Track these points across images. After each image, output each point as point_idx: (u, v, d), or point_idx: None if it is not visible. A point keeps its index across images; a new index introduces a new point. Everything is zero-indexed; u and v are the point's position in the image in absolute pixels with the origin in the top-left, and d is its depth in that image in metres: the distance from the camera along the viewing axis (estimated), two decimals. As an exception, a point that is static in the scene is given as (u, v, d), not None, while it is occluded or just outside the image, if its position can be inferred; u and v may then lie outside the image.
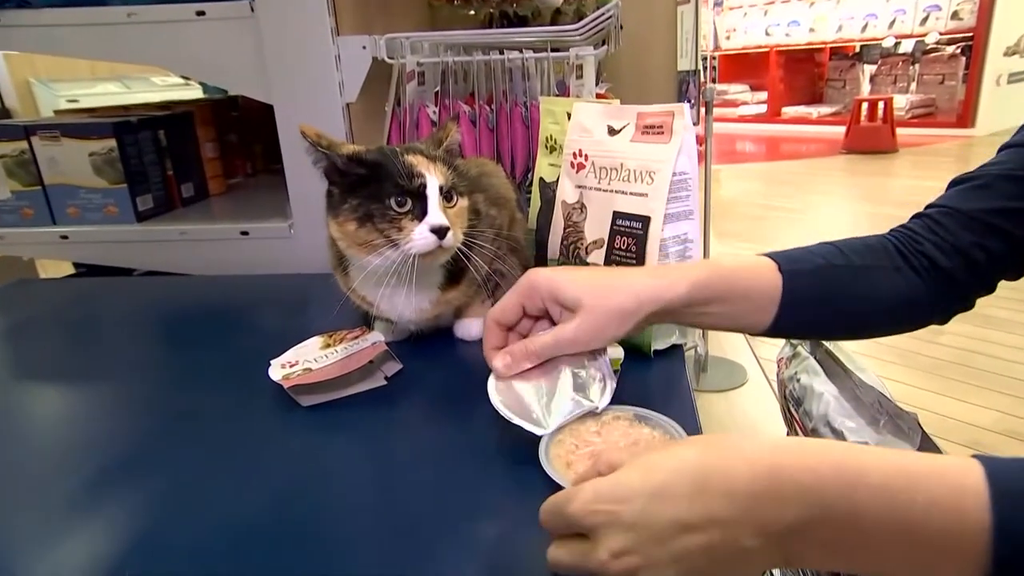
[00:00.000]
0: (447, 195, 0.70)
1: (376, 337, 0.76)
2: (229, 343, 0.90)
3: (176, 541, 0.51)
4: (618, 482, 0.40)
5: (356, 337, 0.77)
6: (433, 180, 0.68)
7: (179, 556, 0.50)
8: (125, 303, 1.10)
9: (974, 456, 0.35)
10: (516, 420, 0.56)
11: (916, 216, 0.67)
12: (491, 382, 0.60)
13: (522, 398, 0.58)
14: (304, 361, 0.72)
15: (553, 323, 0.61)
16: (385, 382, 0.73)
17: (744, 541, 0.36)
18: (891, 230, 0.67)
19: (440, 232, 0.67)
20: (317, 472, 0.60)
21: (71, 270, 1.46)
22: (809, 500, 0.36)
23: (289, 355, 0.74)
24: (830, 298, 0.62)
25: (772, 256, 0.63)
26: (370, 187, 0.68)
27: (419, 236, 0.67)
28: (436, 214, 0.67)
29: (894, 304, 0.63)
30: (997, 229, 0.61)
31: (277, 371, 0.71)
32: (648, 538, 0.37)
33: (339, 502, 0.55)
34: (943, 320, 0.66)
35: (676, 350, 0.77)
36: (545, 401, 0.58)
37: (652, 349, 0.75)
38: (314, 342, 0.77)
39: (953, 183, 0.66)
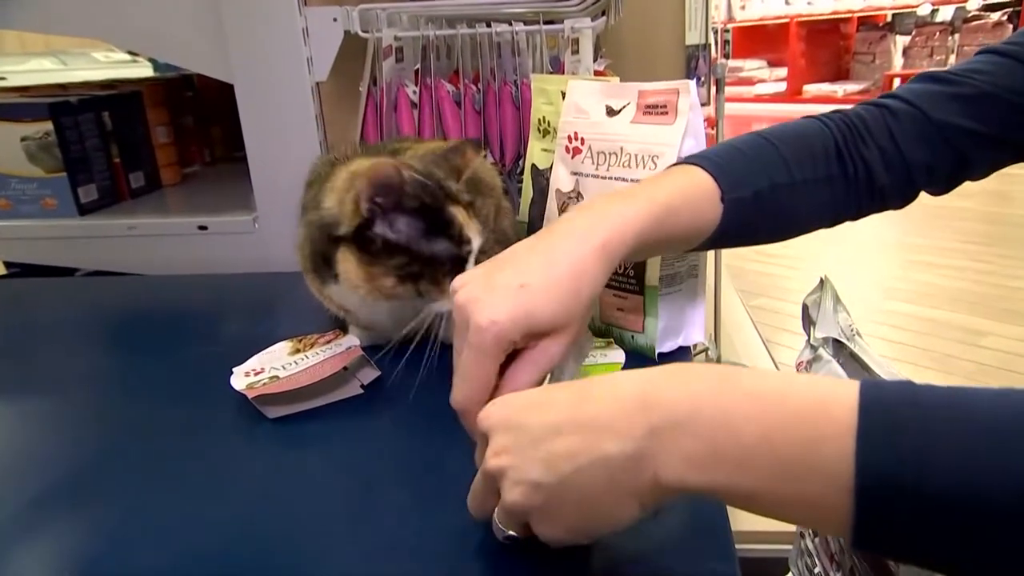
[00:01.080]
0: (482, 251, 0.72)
1: (351, 341, 0.77)
2: (185, 350, 0.90)
3: (127, 571, 0.52)
4: (522, 393, 0.47)
5: (328, 341, 0.78)
6: (476, 241, 0.70)
7: (134, 583, 0.51)
8: (66, 307, 1.11)
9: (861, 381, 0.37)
10: None
11: (875, 103, 0.70)
12: None
13: None
14: (271, 368, 0.73)
15: None
16: (361, 390, 0.74)
17: (606, 445, 0.39)
18: (839, 114, 0.71)
19: None
20: (285, 492, 0.61)
21: (2, 270, 1.46)
22: (680, 407, 0.39)
23: (253, 362, 0.75)
24: (770, 221, 0.67)
25: (713, 174, 0.63)
26: (422, 244, 0.68)
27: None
28: None
29: (825, 214, 0.69)
30: (957, 151, 0.65)
31: (240, 380, 0.71)
32: (523, 438, 0.43)
33: (310, 525, 0.56)
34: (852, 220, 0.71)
35: (683, 353, 0.78)
36: None
37: (656, 352, 0.76)
38: (281, 347, 0.78)
39: (926, 77, 0.69)
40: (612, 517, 0.41)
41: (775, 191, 0.65)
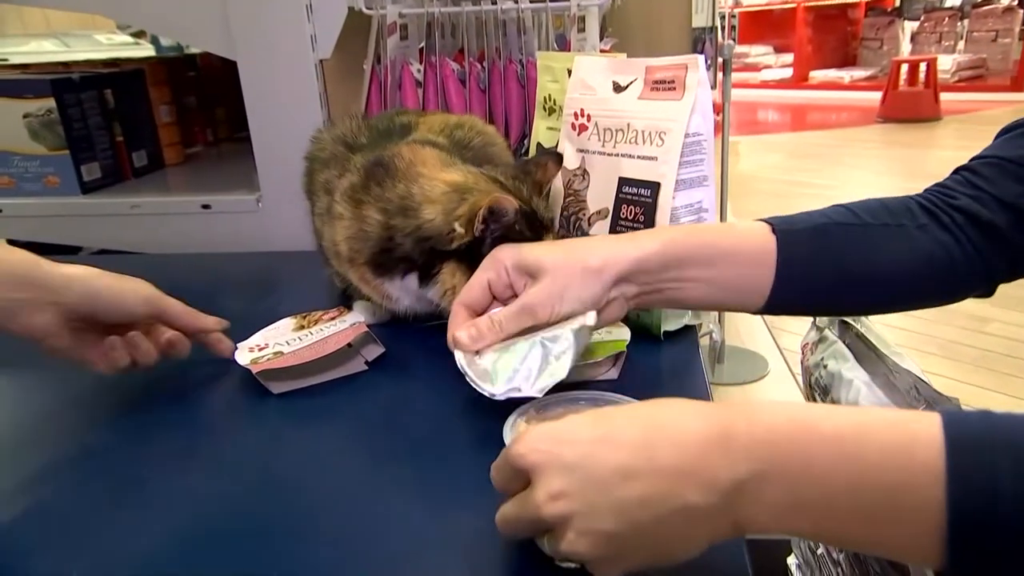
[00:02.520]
0: None
1: (355, 318, 0.76)
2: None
3: (130, 542, 0.52)
4: (567, 424, 0.43)
5: (333, 318, 0.78)
6: None
7: (133, 558, 0.51)
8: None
9: (938, 409, 0.37)
10: (479, 385, 0.58)
11: (955, 171, 0.66)
12: (458, 355, 0.61)
13: (486, 368, 0.60)
14: (275, 344, 0.72)
15: None
16: (366, 367, 0.73)
17: (689, 496, 0.37)
18: (923, 191, 0.66)
19: None
20: (290, 466, 0.61)
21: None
22: (760, 454, 0.37)
23: (257, 338, 0.75)
24: (837, 261, 0.60)
25: (767, 219, 0.62)
26: None
27: None
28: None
29: (917, 266, 0.60)
30: None
31: (244, 355, 0.71)
32: (587, 482, 0.39)
33: (314, 499, 0.56)
34: (986, 288, 0.63)
35: (689, 332, 0.78)
36: (511, 368, 0.59)
37: (662, 330, 0.76)
38: (286, 323, 0.78)
39: (1002, 132, 0.65)
40: (680, 556, 0.40)
41: (841, 229, 0.60)
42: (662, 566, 0.40)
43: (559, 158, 0.73)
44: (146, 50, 2.24)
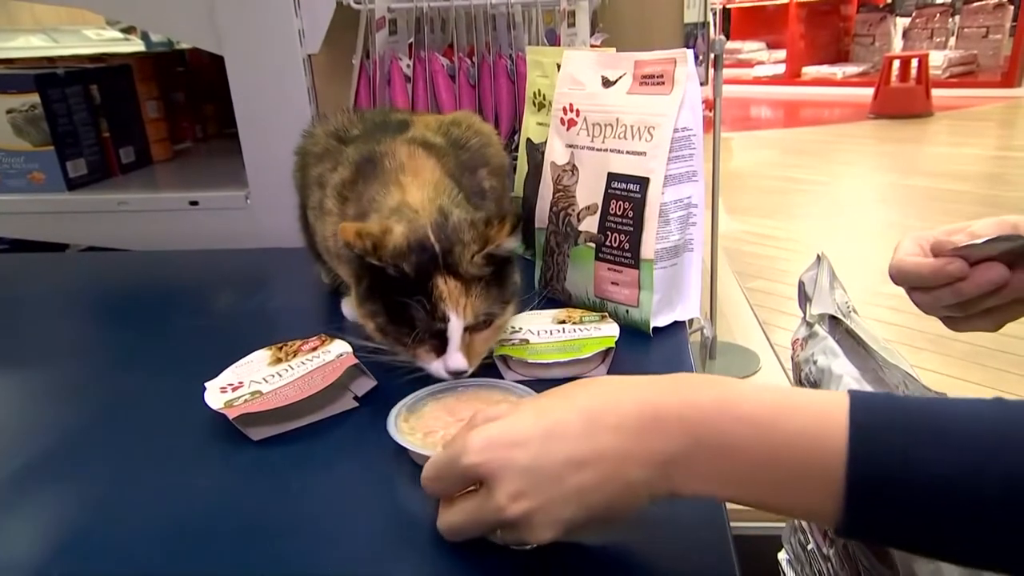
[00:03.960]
0: (480, 322, 0.67)
1: (342, 348, 0.68)
2: (177, 325, 0.89)
3: (108, 541, 0.52)
4: (511, 426, 0.44)
5: (314, 348, 0.69)
6: (458, 323, 0.64)
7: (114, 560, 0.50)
8: (53, 283, 1.10)
9: (849, 391, 0.40)
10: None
11: None
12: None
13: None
14: (251, 383, 0.64)
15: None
16: (356, 404, 0.66)
17: (631, 473, 0.42)
18: None
19: (457, 374, 0.65)
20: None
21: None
22: (688, 431, 0.41)
23: (228, 375, 0.66)
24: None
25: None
26: (395, 297, 0.65)
27: (434, 370, 0.65)
28: (455, 358, 0.64)
29: None
30: None
31: (216, 397, 0.62)
32: (543, 479, 0.42)
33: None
34: None
35: (678, 328, 0.78)
36: None
37: (651, 326, 0.76)
38: (260, 357, 0.69)
39: None
40: (624, 516, 0.44)
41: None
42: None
43: (516, 222, 0.66)
44: (136, 46, 2.23)
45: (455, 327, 0.64)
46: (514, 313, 0.71)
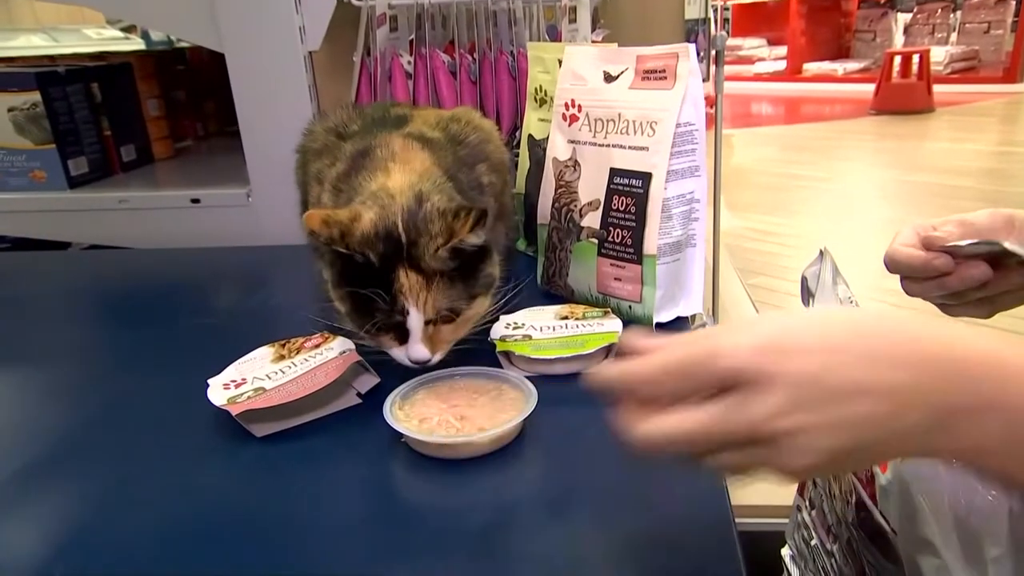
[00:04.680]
0: (444, 315, 0.66)
1: (344, 345, 0.69)
2: (179, 322, 0.89)
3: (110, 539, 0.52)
4: (786, 330, 0.38)
5: (317, 345, 0.70)
6: (418, 316, 0.64)
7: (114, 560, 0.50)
8: (55, 282, 1.10)
9: None
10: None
11: None
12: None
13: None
14: (254, 379, 0.64)
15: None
16: (359, 400, 0.66)
17: (911, 417, 0.36)
18: None
19: (421, 363, 0.65)
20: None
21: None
22: (988, 385, 0.36)
23: (231, 372, 0.66)
24: None
25: None
26: (359, 286, 0.64)
27: (398, 357, 0.66)
28: (416, 348, 0.65)
29: None
30: None
31: (218, 394, 0.62)
32: (825, 395, 0.36)
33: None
34: None
35: (682, 323, 0.77)
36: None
37: (654, 322, 0.75)
38: (262, 354, 0.69)
39: None
40: (867, 467, 0.39)
41: None
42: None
43: (479, 218, 0.64)
44: (136, 44, 2.23)
45: (415, 320, 0.64)
46: (491, 306, 0.70)
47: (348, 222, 0.64)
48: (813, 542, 0.83)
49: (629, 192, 0.74)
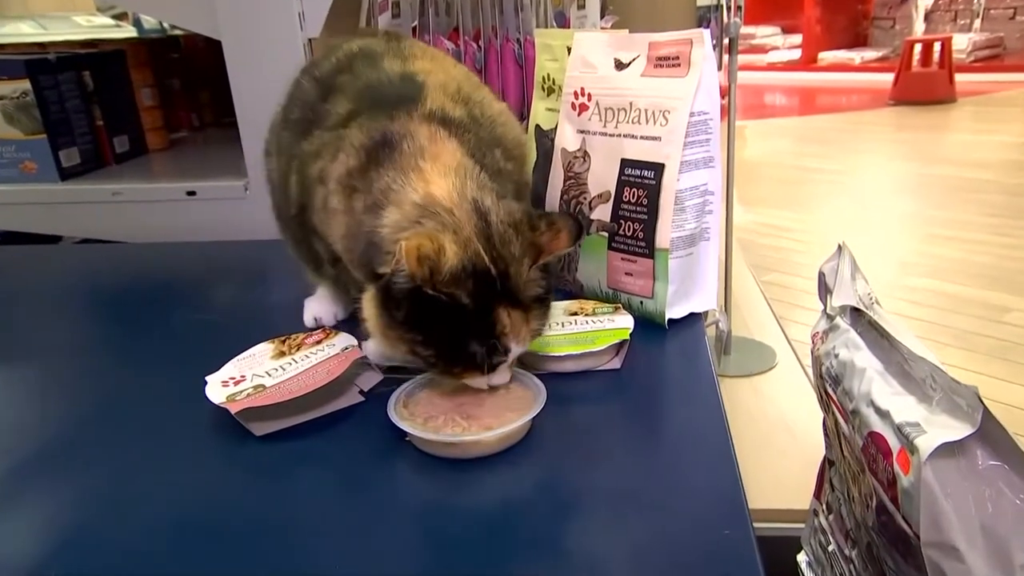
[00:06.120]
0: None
1: (347, 341, 0.69)
2: (173, 321, 0.90)
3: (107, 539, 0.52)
4: None
5: (319, 341, 0.69)
6: (516, 350, 0.60)
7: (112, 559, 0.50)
8: (46, 276, 1.10)
9: None
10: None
11: None
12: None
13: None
14: (253, 376, 0.64)
15: None
16: (362, 398, 0.66)
17: None
18: None
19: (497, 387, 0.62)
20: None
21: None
22: None
23: (230, 369, 0.66)
24: None
25: None
26: (447, 329, 0.57)
27: (476, 384, 0.61)
28: (503, 376, 0.61)
29: None
30: None
31: (217, 391, 0.62)
32: None
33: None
34: None
35: (695, 320, 0.77)
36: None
37: (667, 318, 0.75)
38: (262, 350, 0.69)
39: None
40: None
41: None
42: None
43: (579, 230, 0.59)
44: (127, 32, 2.23)
45: (512, 355, 0.60)
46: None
47: (435, 256, 0.54)
48: (831, 547, 0.83)
49: (641, 184, 0.74)
